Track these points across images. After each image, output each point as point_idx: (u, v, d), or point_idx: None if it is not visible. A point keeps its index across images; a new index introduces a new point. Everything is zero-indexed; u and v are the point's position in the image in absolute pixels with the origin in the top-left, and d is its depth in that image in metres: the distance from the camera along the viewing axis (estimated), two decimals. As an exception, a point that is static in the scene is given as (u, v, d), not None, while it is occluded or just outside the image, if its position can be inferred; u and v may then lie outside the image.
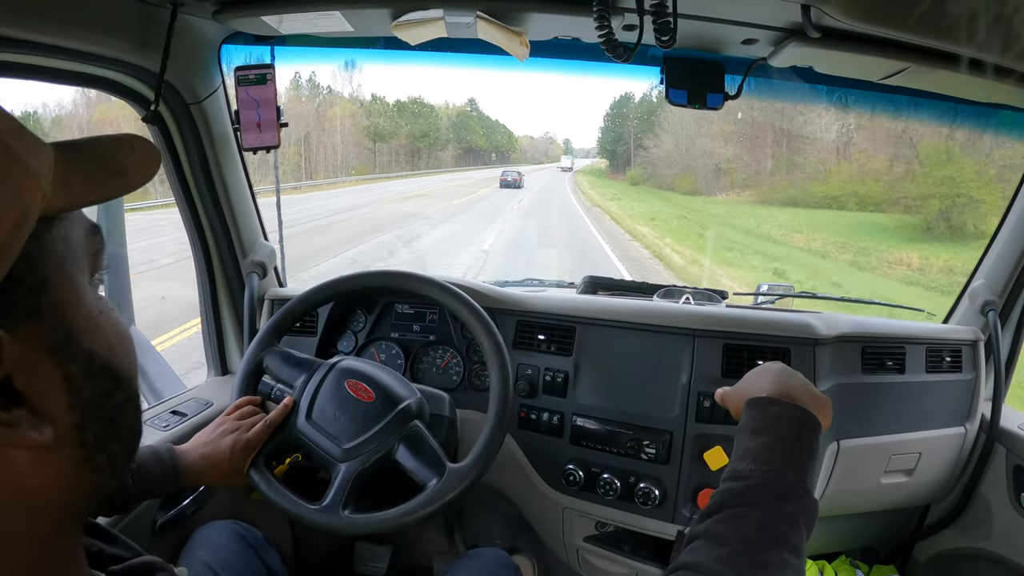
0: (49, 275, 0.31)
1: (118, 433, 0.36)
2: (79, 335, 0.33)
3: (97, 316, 0.35)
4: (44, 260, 0.31)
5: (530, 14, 0.92)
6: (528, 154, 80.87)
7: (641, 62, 1.12)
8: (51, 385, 0.31)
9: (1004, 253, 1.19)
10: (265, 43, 1.12)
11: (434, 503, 0.82)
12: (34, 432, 0.30)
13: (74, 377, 0.32)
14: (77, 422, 0.33)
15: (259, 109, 1.11)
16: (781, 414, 0.60)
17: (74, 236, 0.34)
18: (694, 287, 1.29)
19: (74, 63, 0.88)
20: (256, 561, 0.93)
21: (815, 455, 0.58)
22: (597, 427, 1.09)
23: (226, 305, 1.30)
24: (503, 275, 5.95)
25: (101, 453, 0.35)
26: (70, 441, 0.33)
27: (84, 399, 0.33)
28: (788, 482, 0.55)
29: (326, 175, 36.06)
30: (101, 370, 0.34)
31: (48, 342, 0.31)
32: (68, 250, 0.33)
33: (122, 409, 0.36)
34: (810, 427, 0.59)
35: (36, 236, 0.30)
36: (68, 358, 0.32)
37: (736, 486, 0.55)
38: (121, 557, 0.43)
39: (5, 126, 0.29)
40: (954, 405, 1.20)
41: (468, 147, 65.69)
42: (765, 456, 0.56)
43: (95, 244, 0.36)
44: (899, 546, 1.42)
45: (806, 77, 1.10)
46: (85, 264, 0.35)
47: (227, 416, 0.91)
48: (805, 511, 0.54)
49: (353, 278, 1.05)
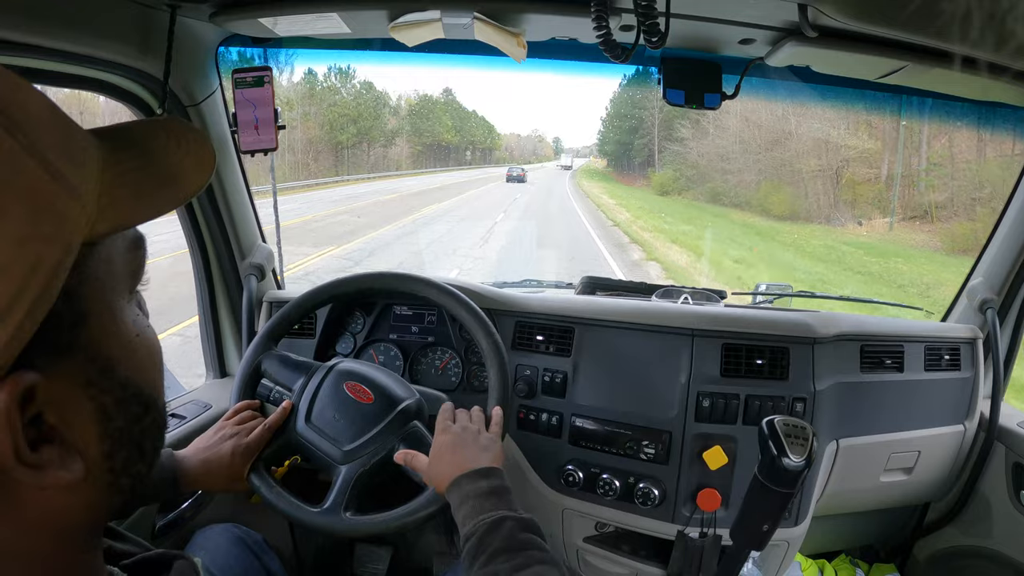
0: (89, 307, 0.29)
1: (143, 455, 0.35)
2: (115, 365, 0.31)
3: (134, 341, 0.33)
4: (84, 292, 0.29)
5: (527, 15, 0.92)
6: (515, 152, 73.63)
7: (639, 62, 1.12)
8: (84, 419, 0.30)
9: (1002, 251, 1.19)
10: (262, 45, 1.12)
11: (436, 503, 0.82)
12: (64, 472, 0.29)
13: (107, 408, 0.31)
14: (107, 451, 0.32)
15: (256, 111, 1.11)
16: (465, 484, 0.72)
17: (116, 256, 0.32)
18: (692, 287, 1.29)
19: (72, 66, 0.88)
20: (255, 564, 0.93)
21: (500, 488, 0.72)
22: (596, 427, 1.09)
23: (224, 307, 1.30)
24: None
25: (126, 476, 0.34)
26: (99, 471, 0.32)
27: (115, 428, 0.32)
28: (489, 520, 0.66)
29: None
30: (134, 397, 0.33)
31: (84, 377, 0.30)
32: (109, 276, 0.31)
33: (149, 431, 0.35)
34: (485, 475, 0.73)
35: (76, 266, 0.27)
36: (103, 391, 0.31)
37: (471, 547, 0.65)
38: (130, 553, 0.43)
39: (51, 139, 0.27)
40: (953, 403, 1.20)
41: (433, 142, 51.27)
42: (471, 515, 0.69)
43: (137, 260, 0.34)
44: (899, 544, 1.42)
45: (804, 76, 1.10)
46: (126, 284, 0.33)
47: (226, 421, 0.91)
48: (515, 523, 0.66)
49: (350, 280, 1.05)
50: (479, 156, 60.28)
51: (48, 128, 0.27)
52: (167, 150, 0.33)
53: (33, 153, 0.26)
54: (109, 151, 0.31)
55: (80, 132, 0.29)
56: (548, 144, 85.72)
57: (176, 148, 0.34)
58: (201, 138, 0.35)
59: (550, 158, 73.00)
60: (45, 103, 0.28)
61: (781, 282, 1.54)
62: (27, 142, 0.26)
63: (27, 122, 0.26)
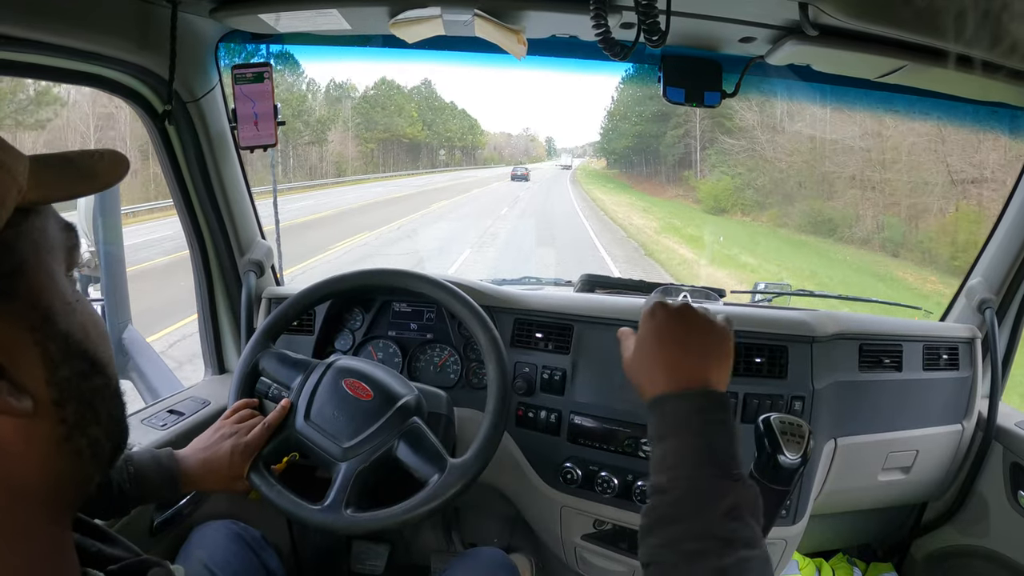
0: (26, 260, 0.34)
1: (97, 417, 0.38)
2: (56, 316, 0.35)
3: (73, 303, 0.37)
4: (21, 246, 0.34)
5: (528, 12, 0.92)
6: (505, 152, 66.76)
7: (639, 60, 1.12)
8: (30, 361, 0.34)
9: (1001, 251, 1.20)
10: (262, 41, 1.12)
11: (437, 498, 0.82)
12: (13, 399, 0.32)
13: (52, 355, 0.35)
14: (56, 398, 0.35)
15: (256, 107, 1.10)
16: (680, 411, 0.55)
17: (50, 229, 0.37)
18: (691, 285, 1.29)
19: (72, 61, 0.88)
20: (254, 560, 0.93)
21: (729, 431, 0.55)
22: (595, 425, 1.09)
23: (223, 304, 1.30)
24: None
25: (81, 435, 0.36)
26: (49, 416, 0.35)
27: (62, 377, 0.35)
28: (711, 480, 0.51)
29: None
30: (78, 352, 0.36)
31: (26, 321, 0.34)
32: (44, 240, 0.36)
33: (101, 393, 0.38)
34: (715, 408, 0.55)
35: (13, 224, 0.32)
36: (45, 336, 0.34)
37: (660, 501, 0.52)
38: (120, 558, 0.43)
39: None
40: (951, 403, 1.21)
41: (392, 138, 40.45)
42: (677, 462, 0.53)
43: (70, 240, 0.39)
44: (896, 544, 1.43)
45: (804, 75, 1.10)
46: (60, 256, 0.37)
47: (225, 420, 0.91)
48: (743, 498, 0.51)
49: (349, 277, 1.05)
50: (459, 156, 51.54)
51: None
52: (84, 158, 0.39)
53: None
54: (34, 158, 0.36)
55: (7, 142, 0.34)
56: (540, 144, 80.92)
57: (91, 156, 0.40)
58: (116, 154, 0.41)
59: (542, 158, 69.24)
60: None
61: (781, 280, 1.53)
62: None
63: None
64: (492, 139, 68.15)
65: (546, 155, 73.34)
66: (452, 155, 50.75)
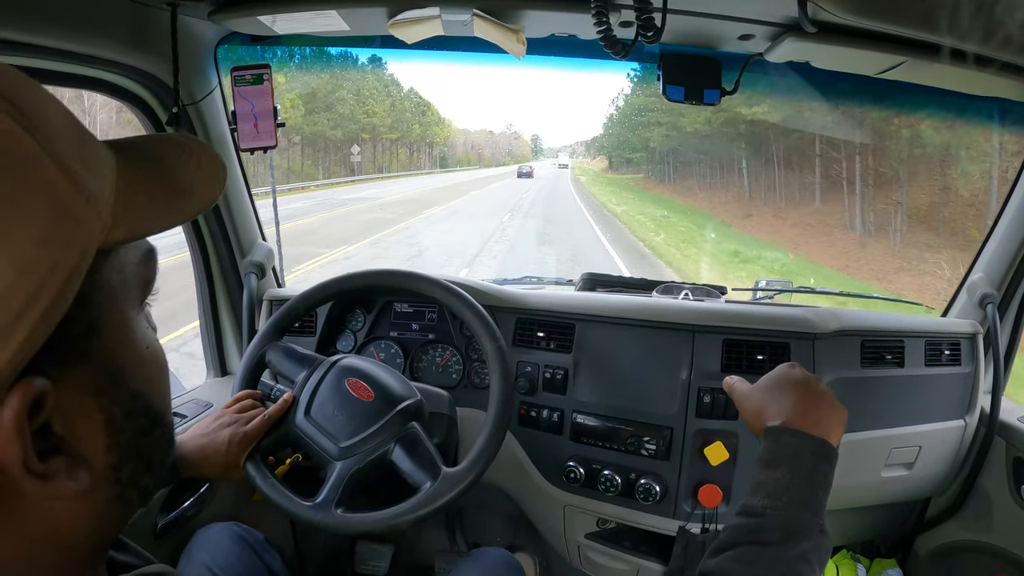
0: (101, 315, 0.29)
1: (151, 468, 0.35)
2: (126, 376, 0.31)
3: (144, 352, 0.33)
4: (97, 299, 0.29)
5: (527, 11, 0.92)
6: (485, 152, 60.60)
7: (639, 59, 1.12)
8: (92, 429, 0.30)
9: (1002, 246, 1.19)
10: (261, 43, 1.12)
11: (425, 507, 0.81)
12: (70, 482, 0.29)
13: (116, 419, 0.31)
14: (114, 463, 0.31)
15: (255, 109, 1.10)
16: (798, 446, 0.58)
17: (128, 266, 0.32)
18: (693, 283, 1.29)
19: (71, 65, 0.88)
20: (257, 563, 0.93)
21: (829, 485, 0.57)
22: (597, 424, 1.09)
23: (224, 306, 1.30)
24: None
25: (133, 489, 0.34)
26: (105, 482, 0.31)
27: (123, 440, 0.32)
28: (803, 520, 0.53)
29: None
30: (143, 409, 0.33)
31: (94, 385, 0.29)
32: (121, 283, 0.31)
33: (158, 445, 0.35)
34: (827, 458, 0.58)
35: (90, 273, 0.27)
36: (113, 401, 0.31)
37: (749, 523, 0.54)
38: (131, 565, 0.43)
39: (68, 144, 0.27)
40: (953, 398, 1.20)
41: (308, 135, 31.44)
42: (779, 492, 0.55)
43: (148, 271, 0.34)
44: (900, 539, 1.43)
45: (803, 72, 1.10)
46: (137, 294, 0.33)
47: (226, 409, 0.91)
48: (819, 550, 0.53)
49: (353, 277, 1.05)
50: (420, 157, 42.28)
51: (66, 134, 0.27)
52: (180, 163, 0.34)
53: (52, 155, 0.26)
54: (124, 161, 0.31)
55: (96, 141, 0.30)
56: (525, 142, 75.68)
57: (188, 161, 0.34)
58: (213, 154, 0.36)
59: (527, 158, 65.05)
60: (62, 110, 0.28)
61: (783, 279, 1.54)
62: (47, 145, 0.26)
63: (46, 126, 0.26)
64: (470, 137, 63.37)
65: (532, 154, 69.38)
66: (415, 155, 42.14)
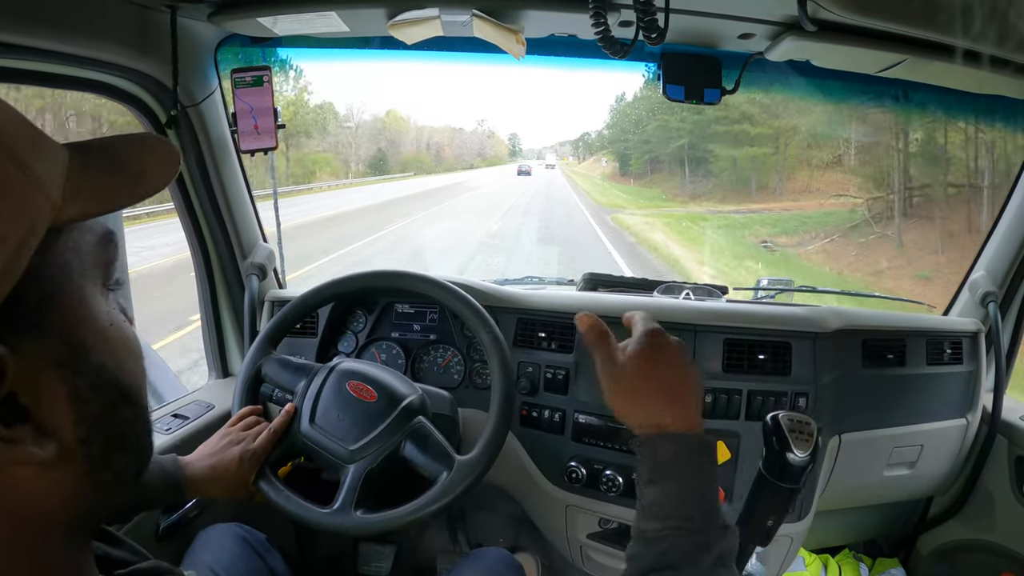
0: (56, 288, 0.30)
1: (125, 448, 0.35)
2: (88, 349, 0.32)
3: (107, 329, 0.34)
4: (51, 273, 0.30)
5: (526, 11, 0.92)
6: (447, 152, 49.97)
7: (638, 58, 1.12)
8: (56, 400, 0.31)
9: (1004, 244, 1.19)
10: (261, 45, 1.12)
11: (447, 496, 0.82)
12: (36, 448, 0.29)
13: (80, 392, 0.31)
14: (82, 437, 0.32)
15: (256, 111, 1.11)
16: (677, 451, 0.53)
17: (84, 245, 0.33)
18: (694, 283, 1.29)
19: (70, 68, 0.88)
20: (259, 564, 0.93)
21: (716, 477, 0.55)
22: (599, 424, 1.09)
23: (226, 308, 1.30)
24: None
25: (106, 468, 0.34)
26: (74, 456, 0.32)
27: (90, 413, 0.32)
28: (706, 527, 0.50)
29: None
30: (109, 384, 0.33)
31: (55, 357, 0.30)
32: (77, 261, 0.32)
33: (130, 424, 0.35)
34: (706, 451, 0.54)
35: (42, 248, 0.29)
36: (75, 373, 0.31)
37: (650, 552, 0.51)
38: (127, 561, 0.43)
39: (18, 134, 0.29)
40: (955, 397, 1.20)
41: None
42: (673, 508, 0.51)
43: (108, 253, 0.35)
44: (902, 539, 1.42)
45: (804, 71, 1.10)
46: (96, 274, 0.34)
47: (230, 428, 0.90)
48: (729, 547, 0.51)
49: (351, 279, 1.05)
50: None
51: (15, 130, 0.29)
52: (133, 153, 0.35)
53: (2, 147, 0.28)
54: (77, 152, 0.32)
55: (46, 137, 0.31)
56: (501, 141, 64.53)
57: (141, 151, 0.36)
58: (167, 142, 0.37)
59: (503, 160, 55.04)
60: (14, 113, 0.30)
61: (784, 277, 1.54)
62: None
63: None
64: (432, 135, 50.63)
65: (508, 156, 60.85)
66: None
